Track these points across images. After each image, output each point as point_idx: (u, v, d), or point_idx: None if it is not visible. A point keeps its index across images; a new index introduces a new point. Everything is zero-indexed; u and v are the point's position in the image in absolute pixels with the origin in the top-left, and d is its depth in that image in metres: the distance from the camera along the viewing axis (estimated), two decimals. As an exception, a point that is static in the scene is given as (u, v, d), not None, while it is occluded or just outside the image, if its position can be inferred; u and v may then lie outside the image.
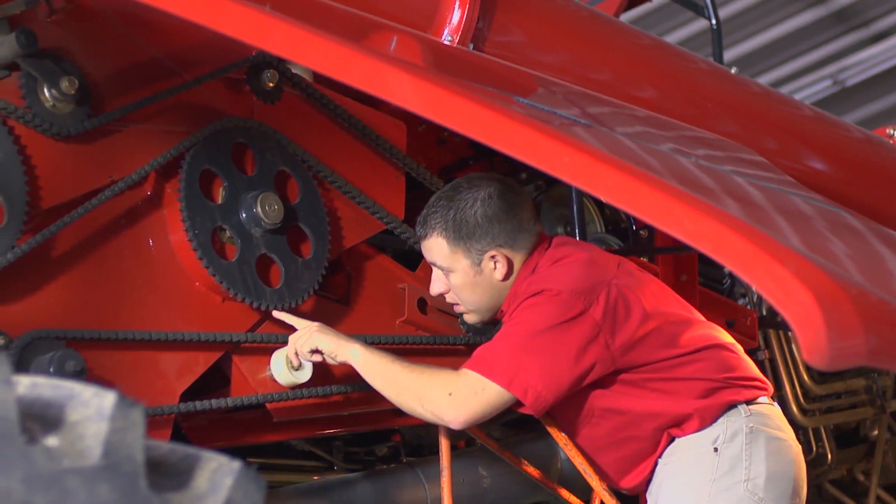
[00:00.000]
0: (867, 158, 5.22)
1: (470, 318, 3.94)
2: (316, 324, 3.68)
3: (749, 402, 3.73)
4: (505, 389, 3.56)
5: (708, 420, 3.70)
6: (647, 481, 3.81)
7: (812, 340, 2.14)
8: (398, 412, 4.24)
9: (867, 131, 5.55)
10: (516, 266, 3.80)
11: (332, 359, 3.67)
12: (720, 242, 2.26)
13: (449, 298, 3.91)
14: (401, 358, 3.70)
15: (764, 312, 5.50)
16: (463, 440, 4.65)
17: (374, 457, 4.81)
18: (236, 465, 1.97)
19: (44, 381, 1.92)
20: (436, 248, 3.80)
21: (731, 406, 3.71)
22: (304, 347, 3.65)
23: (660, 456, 3.76)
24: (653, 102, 4.33)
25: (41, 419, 1.84)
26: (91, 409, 1.87)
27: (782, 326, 5.53)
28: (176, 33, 3.62)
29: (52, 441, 1.82)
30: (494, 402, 3.59)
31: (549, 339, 3.59)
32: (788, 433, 3.80)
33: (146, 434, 1.89)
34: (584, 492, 4.15)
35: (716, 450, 3.67)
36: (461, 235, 3.76)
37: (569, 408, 3.78)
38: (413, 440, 4.81)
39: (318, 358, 3.68)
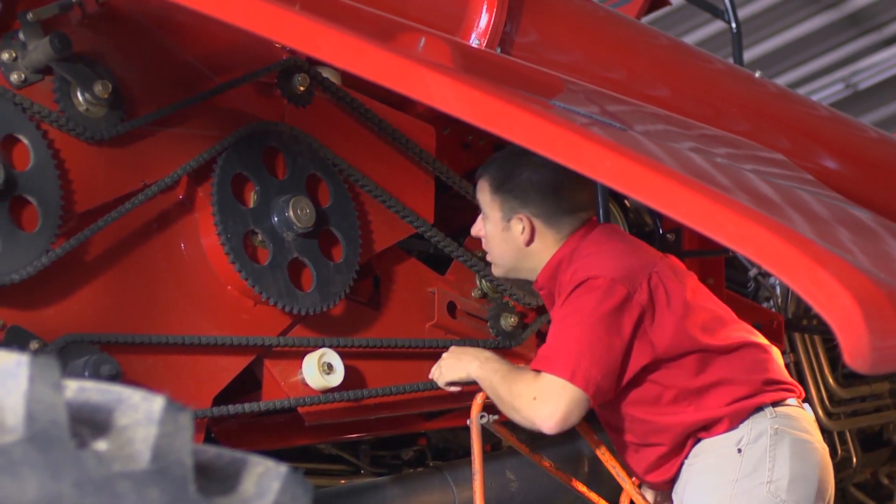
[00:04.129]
0: (883, 158, 5.22)
1: (494, 271, 3.94)
2: (448, 359, 3.76)
3: (776, 404, 3.71)
4: (569, 382, 3.53)
5: (736, 422, 3.68)
6: (673, 479, 3.80)
7: (854, 344, 2.14)
8: (427, 415, 4.26)
9: (883, 132, 5.55)
10: (548, 240, 3.78)
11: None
12: (762, 246, 2.25)
13: (483, 244, 3.91)
14: (504, 364, 3.71)
15: (790, 315, 5.50)
16: (489, 444, 4.66)
17: (400, 461, 4.81)
18: (283, 469, 1.96)
19: (91, 386, 1.91)
20: (481, 190, 3.84)
21: (758, 409, 3.69)
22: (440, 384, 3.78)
23: (686, 457, 3.76)
24: (674, 104, 4.34)
25: (90, 423, 1.84)
26: (140, 413, 1.87)
27: (808, 330, 5.53)
28: (208, 37, 3.63)
29: (101, 445, 1.82)
30: (575, 399, 3.54)
31: (602, 329, 3.57)
32: (815, 436, 3.77)
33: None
34: (611, 494, 4.15)
35: (739, 451, 3.65)
36: (502, 188, 3.79)
37: (604, 413, 3.78)
38: (439, 443, 4.81)
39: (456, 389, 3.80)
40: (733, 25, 5.93)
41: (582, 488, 4.14)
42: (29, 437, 1.74)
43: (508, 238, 3.81)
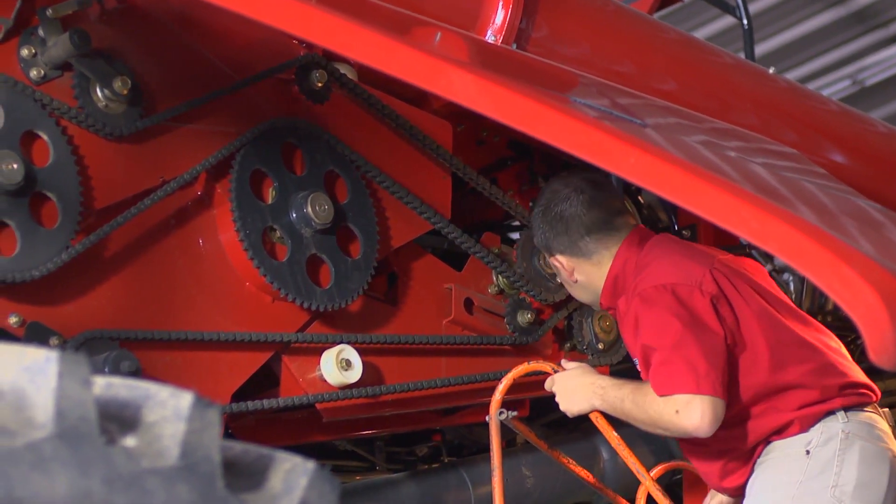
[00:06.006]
0: (892, 153, 5.22)
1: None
2: (562, 394, 3.82)
3: (849, 409, 3.69)
4: (698, 394, 3.55)
5: (806, 426, 3.67)
6: (745, 484, 3.80)
7: (879, 340, 2.13)
8: (443, 412, 4.26)
9: (891, 126, 5.55)
10: (587, 267, 3.94)
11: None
12: (786, 242, 2.25)
13: None
14: (621, 387, 3.73)
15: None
16: (504, 440, 4.65)
17: (415, 457, 4.81)
18: (310, 465, 1.96)
19: (119, 382, 1.91)
20: None
21: (830, 412, 3.68)
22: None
23: (759, 456, 3.75)
24: (687, 100, 4.34)
25: (118, 420, 1.84)
26: (168, 409, 1.87)
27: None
28: (226, 34, 3.63)
29: (130, 442, 1.81)
30: (711, 402, 3.55)
31: (696, 332, 3.61)
32: (890, 443, 3.73)
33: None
34: (626, 490, 4.16)
35: (808, 452, 3.63)
36: (539, 245, 4.08)
37: None
38: (454, 440, 4.82)
39: None
40: (745, 22, 5.93)
41: (600, 485, 4.15)
42: (58, 434, 1.74)
43: (565, 280, 4.07)
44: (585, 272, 3.95)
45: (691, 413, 3.52)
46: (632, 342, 3.78)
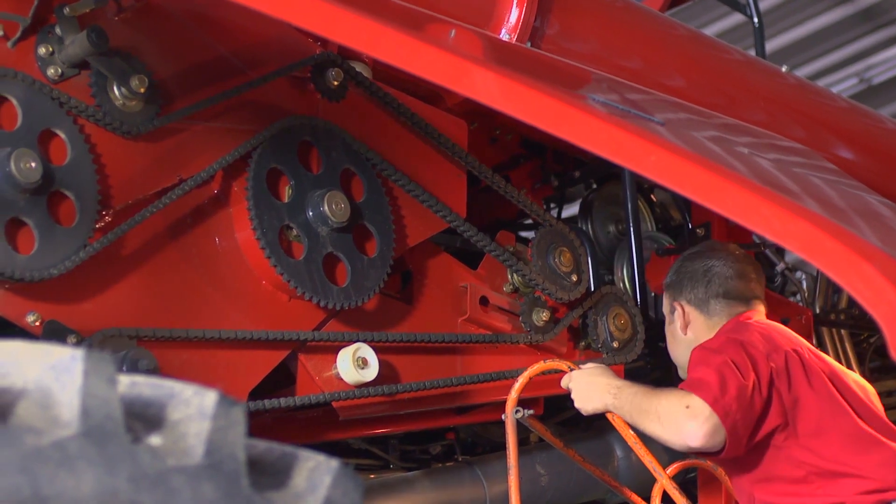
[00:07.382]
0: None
1: (681, 373, 4.10)
2: (578, 390, 3.83)
3: None
4: (711, 407, 3.54)
5: None
6: None
7: (902, 340, 2.13)
8: (458, 410, 4.26)
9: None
10: (700, 325, 3.99)
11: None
12: (807, 240, 2.25)
13: None
14: (636, 385, 3.77)
15: (817, 310, 5.49)
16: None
17: (428, 455, 4.81)
18: (334, 463, 1.96)
19: (143, 380, 1.92)
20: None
21: (887, 503, 3.62)
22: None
23: None
24: (700, 97, 4.34)
25: (143, 418, 1.84)
26: (192, 407, 1.87)
27: (836, 324, 5.52)
28: (243, 32, 3.64)
29: (155, 440, 1.82)
30: (717, 422, 3.54)
31: (740, 370, 3.61)
32: None
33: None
34: (640, 488, 4.16)
35: None
36: (666, 286, 4.16)
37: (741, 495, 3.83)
38: (467, 438, 4.81)
39: None
40: (755, 19, 5.93)
41: (616, 484, 4.15)
42: (84, 432, 1.74)
43: (673, 331, 4.09)
44: (696, 330, 3.99)
45: (697, 416, 3.52)
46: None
